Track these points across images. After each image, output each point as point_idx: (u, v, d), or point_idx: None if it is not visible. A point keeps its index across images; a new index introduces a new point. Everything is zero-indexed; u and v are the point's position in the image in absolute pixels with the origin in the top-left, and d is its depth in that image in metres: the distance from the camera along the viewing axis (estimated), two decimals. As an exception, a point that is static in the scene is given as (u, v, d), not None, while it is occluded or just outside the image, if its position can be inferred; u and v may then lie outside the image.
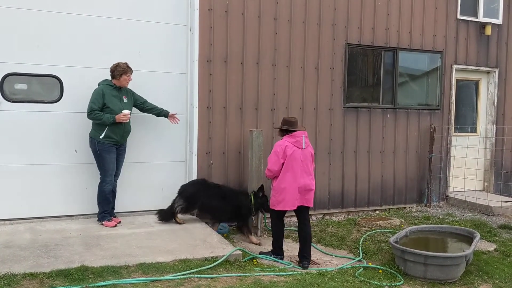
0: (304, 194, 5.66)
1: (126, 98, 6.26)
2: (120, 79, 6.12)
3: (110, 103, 6.04)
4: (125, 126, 6.18)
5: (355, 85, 8.25)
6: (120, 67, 6.10)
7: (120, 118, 6.02)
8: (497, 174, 9.46)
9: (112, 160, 6.17)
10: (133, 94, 6.41)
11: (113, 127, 6.06)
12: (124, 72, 6.10)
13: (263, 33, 7.29)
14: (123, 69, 6.10)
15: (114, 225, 6.18)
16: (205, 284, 4.61)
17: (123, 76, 6.11)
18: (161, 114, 6.57)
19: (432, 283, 5.12)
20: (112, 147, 6.14)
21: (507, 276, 5.44)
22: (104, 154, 6.11)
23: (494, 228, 7.45)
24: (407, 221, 7.74)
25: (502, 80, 9.50)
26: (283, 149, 5.60)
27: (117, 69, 6.09)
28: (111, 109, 6.03)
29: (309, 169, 5.72)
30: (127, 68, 6.15)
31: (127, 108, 6.19)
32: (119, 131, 6.13)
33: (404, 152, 8.62)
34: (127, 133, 6.30)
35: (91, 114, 6.01)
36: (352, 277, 5.14)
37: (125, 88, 6.27)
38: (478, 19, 9.17)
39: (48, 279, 4.41)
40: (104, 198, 6.21)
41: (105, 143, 6.08)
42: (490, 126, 9.53)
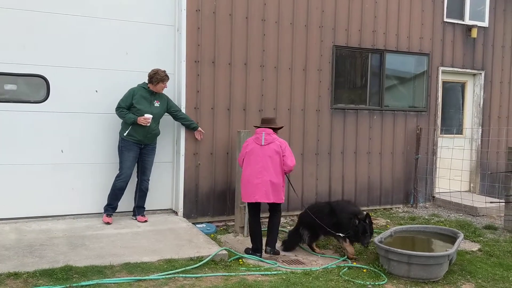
0: (266, 189, 5.75)
1: (158, 103, 6.46)
2: (157, 86, 6.37)
3: (138, 104, 6.29)
4: (149, 127, 6.33)
5: (342, 87, 8.31)
6: (159, 74, 6.31)
7: (140, 120, 6.22)
8: (483, 175, 9.56)
9: (130, 159, 6.35)
10: (168, 101, 6.63)
11: (136, 127, 6.28)
12: (161, 81, 6.35)
13: (251, 34, 7.33)
14: (162, 77, 6.34)
15: (107, 222, 6.29)
16: (189, 283, 4.63)
17: (160, 84, 6.36)
18: (190, 127, 6.84)
19: (416, 282, 5.17)
20: (134, 145, 6.34)
21: (490, 276, 5.50)
22: (124, 151, 6.33)
23: (478, 228, 7.53)
24: (393, 221, 7.81)
25: (488, 82, 9.62)
26: (245, 145, 6.00)
27: (156, 76, 6.31)
28: (138, 109, 6.27)
29: (268, 165, 5.77)
30: (165, 76, 6.39)
31: (156, 112, 6.39)
32: (142, 132, 6.32)
33: (390, 153, 8.70)
34: (153, 134, 6.47)
35: (117, 110, 6.33)
36: (336, 277, 5.19)
37: (161, 94, 6.51)
38: (464, 21, 9.27)
39: (32, 279, 4.41)
40: (112, 191, 6.36)
41: (127, 141, 6.31)
42: (476, 127, 9.64)
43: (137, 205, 6.65)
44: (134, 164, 6.47)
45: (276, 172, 5.82)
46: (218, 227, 7.06)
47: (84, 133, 6.55)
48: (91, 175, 6.61)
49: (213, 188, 7.21)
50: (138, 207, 6.65)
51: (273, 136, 5.88)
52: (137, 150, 6.41)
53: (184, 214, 6.97)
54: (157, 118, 6.46)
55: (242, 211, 6.81)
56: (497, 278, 5.44)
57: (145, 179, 6.60)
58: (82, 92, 6.51)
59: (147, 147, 6.51)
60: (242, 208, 6.81)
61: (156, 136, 6.60)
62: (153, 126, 6.42)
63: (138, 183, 6.63)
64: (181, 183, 6.95)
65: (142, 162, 6.54)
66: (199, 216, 7.12)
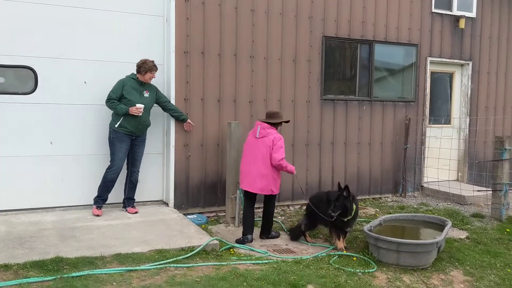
0: (251, 179, 6.05)
1: (148, 93, 6.44)
2: (145, 76, 6.33)
3: (128, 95, 6.26)
4: (140, 118, 6.32)
5: (332, 78, 8.33)
6: (147, 64, 6.29)
7: (133, 110, 6.20)
8: (470, 164, 9.67)
9: (122, 150, 6.33)
10: (156, 92, 6.60)
11: (128, 118, 6.25)
12: (149, 70, 6.31)
13: (240, 24, 7.31)
14: (150, 67, 6.31)
15: (96, 214, 6.26)
16: (181, 273, 4.64)
17: (148, 73, 6.33)
18: (180, 118, 6.82)
19: (405, 270, 5.24)
20: (125, 137, 6.31)
21: (478, 263, 5.60)
22: (116, 142, 6.30)
23: (466, 216, 7.63)
24: (382, 210, 7.89)
25: (475, 72, 9.70)
26: (248, 136, 6.28)
27: (144, 65, 6.29)
28: (128, 100, 6.24)
29: (258, 157, 5.98)
30: (153, 66, 6.35)
31: (146, 103, 6.35)
32: (134, 122, 6.29)
33: (379, 144, 8.76)
34: (144, 125, 6.45)
35: (108, 102, 6.29)
36: (327, 265, 5.24)
37: (149, 84, 6.47)
38: (452, 12, 9.33)
39: (23, 270, 4.40)
40: (103, 183, 6.34)
41: (119, 132, 6.28)
42: (464, 117, 9.74)
43: (127, 196, 6.64)
44: (125, 156, 6.44)
45: (265, 164, 5.97)
46: (209, 218, 7.08)
47: (73, 124, 6.51)
48: (81, 167, 6.58)
49: (203, 179, 7.22)
50: (128, 199, 6.64)
51: (268, 131, 6.04)
52: (129, 142, 6.39)
53: (175, 205, 6.97)
54: (147, 109, 6.44)
55: (233, 201, 6.83)
56: (484, 265, 5.54)
57: (135, 171, 6.58)
58: (71, 84, 6.46)
59: (137, 139, 6.49)
60: (233, 199, 6.83)
61: (147, 127, 6.57)
62: (144, 117, 6.40)
63: (128, 175, 6.61)
64: (172, 175, 6.94)
65: (132, 154, 6.51)
66: (190, 207, 7.13)
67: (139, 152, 6.57)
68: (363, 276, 4.99)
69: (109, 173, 6.32)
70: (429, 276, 5.15)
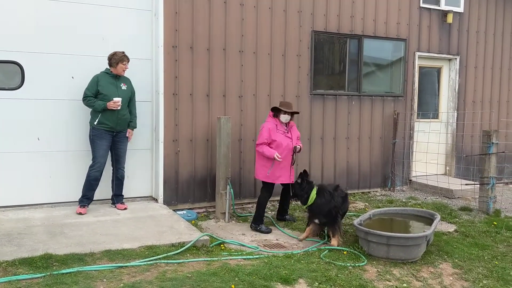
0: None
1: (125, 86, 6.35)
2: (117, 67, 6.22)
3: (104, 90, 6.15)
4: (119, 112, 6.21)
5: (321, 73, 8.34)
6: (117, 55, 6.20)
7: (110, 105, 6.09)
8: (458, 158, 9.76)
9: (103, 147, 6.22)
10: (131, 84, 6.48)
11: (107, 113, 6.14)
12: (120, 61, 6.20)
13: (229, 19, 7.28)
14: (120, 57, 6.20)
15: (79, 213, 6.13)
16: (171, 269, 4.62)
17: (120, 64, 6.21)
18: (130, 124, 6.54)
19: (394, 263, 5.27)
20: (106, 133, 6.21)
21: (466, 255, 5.65)
22: (96, 140, 6.20)
23: (454, 210, 7.71)
24: (372, 204, 7.93)
25: (463, 67, 9.78)
26: None
27: (114, 57, 6.20)
28: (104, 95, 6.13)
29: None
30: (124, 56, 6.24)
31: (123, 96, 6.25)
32: (112, 117, 6.18)
33: (368, 138, 8.80)
34: (123, 119, 6.32)
35: (85, 100, 6.18)
36: (317, 259, 5.25)
37: (124, 77, 6.37)
38: (440, 7, 9.38)
39: (11, 267, 4.35)
40: (87, 182, 6.25)
41: (98, 129, 6.18)
42: (452, 111, 9.82)
43: (115, 193, 6.58)
44: (107, 153, 6.35)
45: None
46: (199, 214, 7.06)
47: (60, 120, 6.44)
48: (69, 163, 6.52)
49: (193, 175, 7.19)
50: (116, 196, 6.58)
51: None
52: (110, 138, 6.29)
53: (164, 201, 6.94)
54: (125, 102, 6.32)
55: (223, 197, 6.81)
56: (473, 258, 5.60)
57: (120, 167, 6.50)
58: (58, 79, 6.38)
59: (119, 135, 6.38)
60: (223, 194, 6.82)
61: (127, 121, 6.43)
62: (123, 110, 6.29)
63: (113, 172, 6.53)
64: (161, 170, 6.90)
65: (115, 150, 6.41)
66: (179, 203, 7.10)
67: (122, 148, 6.45)
68: (353, 269, 5.02)
69: (92, 172, 6.22)
70: (419, 269, 5.19)
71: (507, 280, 5.01)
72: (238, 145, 7.47)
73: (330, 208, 5.79)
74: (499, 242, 6.20)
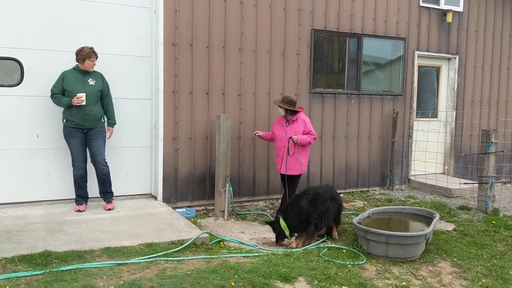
0: None
1: (93, 81, 6.13)
2: (84, 64, 6.06)
3: (70, 87, 5.98)
4: (85, 108, 5.99)
5: (320, 71, 8.34)
6: (83, 51, 6.02)
7: (74, 101, 5.91)
8: (457, 157, 9.78)
9: (76, 145, 6.08)
10: (103, 80, 6.26)
11: (73, 110, 5.98)
12: (87, 57, 6.02)
13: (229, 17, 7.27)
14: (87, 53, 6.02)
15: (78, 210, 6.12)
16: (171, 267, 4.62)
17: (87, 60, 6.04)
18: (107, 120, 6.35)
19: (394, 262, 5.28)
20: (75, 131, 6.05)
21: (465, 254, 5.66)
22: (68, 138, 6.10)
23: (453, 209, 7.72)
24: (370, 203, 7.94)
25: (462, 66, 9.79)
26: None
27: (81, 53, 6.03)
28: (70, 92, 5.96)
29: None
30: (91, 53, 6.05)
31: (90, 91, 6.04)
32: (78, 114, 5.99)
33: (367, 137, 8.81)
34: (91, 115, 6.07)
35: (52, 97, 6.05)
36: (316, 257, 5.25)
37: (95, 72, 6.20)
38: (440, 6, 9.38)
39: (11, 264, 4.34)
40: (75, 182, 6.20)
41: (68, 127, 6.06)
42: (450, 111, 9.83)
43: (101, 190, 6.40)
44: (83, 150, 6.16)
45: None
46: (198, 212, 7.06)
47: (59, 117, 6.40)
48: (68, 160, 6.49)
49: (192, 172, 7.19)
50: (103, 193, 6.40)
51: None
52: (80, 135, 6.07)
53: (164, 198, 6.94)
54: (93, 97, 6.08)
55: (222, 195, 6.81)
56: (471, 256, 5.61)
57: (99, 165, 6.23)
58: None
59: (90, 132, 6.12)
60: (222, 192, 6.82)
61: (97, 117, 6.15)
62: (91, 106, 6.04)
63: (95, 171, 6.31)
64: (160, 168, 6.90)
65: (89, 148, 6.20)
66: (178, 201, 7.10)
67: (95, 146, 6.17)
68: (352, 268, 5.02)
69: (75, 171, 6.14)
70: (418, 268, 5.20)
71: (506, 279, 5.02)
72: (237, 143, 7.47)
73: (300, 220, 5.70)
74: (497, 241, 6.21)
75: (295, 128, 6.63)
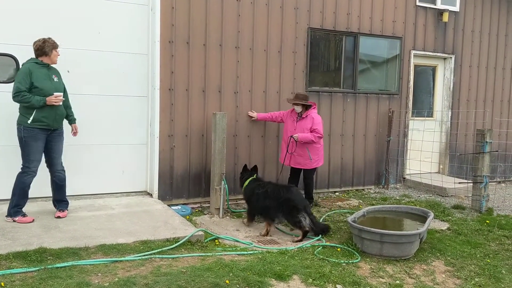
0: None
1: (56, 78, 5.65)
2: (51, 55, 5.52)
3: (38, 83, 5.39)
4: (58, 108, 5.56)
5: (317, 69, 8.35)
6: (48, 42, 5.48)
7: (52, 100, 5.40)
8: (452, 157, 9.82)
9: (39, 149, 5.51)
10: (60, 76, 5.78)
11: (44, 110, 5.42)
12: (54, 47, 5.51)
13: (226, 14, 7.26)
14: (52, 43, 5.50)
15: (31, 221, 5.49)
16: (166, 264, 4.63)
17: (53, 51, 5.52)
18: (68, 117, 5.92)
19: (388, 260, 5.31)
20: (40, 133, 5.48)
21: (458, 253, 5.70)
22: (30, 142, 5.44)
23: (447, 208, 7.76)
24: (365, 202, 7.97)
25: (458, 66, 9.82)
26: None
27: (47, 44, 5.47)
28: (40, 89, 5.39)
29: None
30: (55, 42, 5.56)
31: (58, 88, 5.61)
32: (51, 114, 5.49)
33: (363, 136, 8.83)
34: (61, 116, 5.68)
35: (17, 96, 5.34)
36: (311, 255, 5.28)
37: (53, 67, 5.69)
38: (436, 6, 9.40)
39: (6, 261, 4.34)
40: (21, 190, 5.52)
41: (33, 129, 5.42)
42: (446, 110, 9.86)
43: (57, 199, 5.88)
44: (42, 154, 5.63)
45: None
46: (194, 209, 7.07)
47: (55, 114, 6.40)
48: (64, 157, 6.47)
49: (188, 170, 7.19)
50: (58, 201, 5.87)
51: None
52: (44, 138, 5.53)
53: (159, 196, 6.94)
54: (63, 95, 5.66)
55: (218, 192, 6.83)
56: (465, 255, 5.65)
57: (57, 169, 5.74)
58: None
59: (54, 133, 5.63)
60: (217, 190, 6.83)
61: (63, 117, 5.76)
62: (61, 105, 5.62)
63: (51, 175, 5.80)
64: (156, 165, 6.90)
65: (49, 151, 5.66)
66: (174, 198, 7.11)
67: (57, 148, 5.71)
68: (347, 266, 5.05)
69: (27, 177, 5.49)
70: (412, 267, 5.24)
71: (499, 278, 5.06)
72: (233, 140, 7.47)
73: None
74: (491, 240, 6.25)
75: (304, 125, 7.05)
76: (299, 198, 6.14)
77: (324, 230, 6.07)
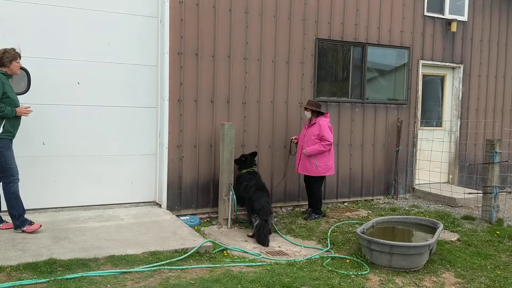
0: None
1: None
2: (11, 66, 5.43)
3: (11, 93, 5.38)
4: (19, 119, 5.53)
5: (325, 80, 8.37)
6: (9, 53, 5.41)
7: (22, 111, 5.44)
8: (461, 167, 9.76)
9: (13, 157, 5.49)
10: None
11: (12, 121, 5.39)
12: (14, 58, 5.43)
13: (234, 26, 7.32)
14: (13, 55, 5.43)
15: (39, 227, 5.55)
16: (175, 275, 4.64)
17: (13, 62, 5.44)
18: None
19: (397, 272, 5.28)
20: (10, 143, 5.47)
21: (469, 265, 5.65)
22: (5, 152, 5.39)
23: (457, 219, 7.70)
24: (374, 212, 7.94)
25: (466, 75, 9.79)
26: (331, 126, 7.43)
27: (6, 55, 5.39)
28: (11, 100, 5.36)
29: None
30: (17, 53, 5.49)
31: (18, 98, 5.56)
32: (17, 125, 5.50)
33: (372, 146, 8.81)
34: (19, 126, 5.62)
35: None
36: (320, 267, 5.26)
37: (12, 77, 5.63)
38: (444, 15, 9.41)
39: (16, 272, 4.37)
40: (16, 199, 5.48)
41: (4, 139, 5.37)
42: (455, 120, 9.82)
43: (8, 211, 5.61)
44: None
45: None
46: (202, 219, 7.08)
47: (66, 125, 6.48)
48: (74, 168, 6.55)
49: (196, 180, 7.22)
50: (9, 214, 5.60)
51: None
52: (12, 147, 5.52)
53: (168, 206, 6.96)
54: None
55: (226, 203, 6.84)
56: (475, 267, 5.59)
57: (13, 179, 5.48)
58: (64, 84, 6.43)
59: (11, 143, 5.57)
60: (225, 200, 6.84)
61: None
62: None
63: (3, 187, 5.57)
64: (165, 176, 6.93)
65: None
66: (182, 209, 7.13)
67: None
68: (356, 278, 5.03)
69: (14, 187, 5.45)
70: (421, 278, 5.20)
71: (510, 290, 5.01)
72: (241, 151, 7.49)
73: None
74: (501, 251, 6.19)
75: (312, 132, 7.25)
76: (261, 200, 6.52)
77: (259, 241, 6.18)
